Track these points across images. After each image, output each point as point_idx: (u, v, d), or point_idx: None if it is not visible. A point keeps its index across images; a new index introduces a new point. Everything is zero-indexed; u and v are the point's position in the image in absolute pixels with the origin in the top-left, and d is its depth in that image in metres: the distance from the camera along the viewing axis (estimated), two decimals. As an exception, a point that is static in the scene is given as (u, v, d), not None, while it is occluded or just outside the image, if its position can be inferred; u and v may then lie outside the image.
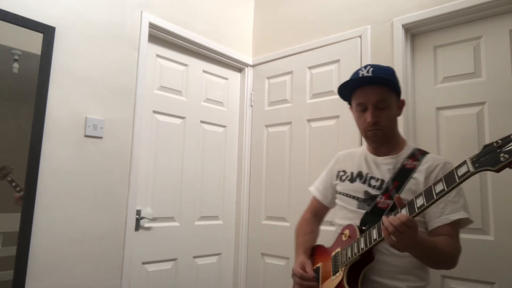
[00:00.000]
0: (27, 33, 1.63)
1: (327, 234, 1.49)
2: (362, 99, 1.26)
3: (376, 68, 1.25)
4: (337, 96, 2.23)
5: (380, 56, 2.07)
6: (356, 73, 1.28)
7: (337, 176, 1.41)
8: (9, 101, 1.60)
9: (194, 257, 2.36)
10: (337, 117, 2.23)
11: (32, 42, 1.64)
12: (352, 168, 1.36)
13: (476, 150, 1.73)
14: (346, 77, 2.18)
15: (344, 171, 1.38)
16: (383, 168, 1.27)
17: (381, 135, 1.25)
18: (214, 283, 2.46)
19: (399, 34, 2.01)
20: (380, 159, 1.29)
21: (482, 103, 1.79)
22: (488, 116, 1.77)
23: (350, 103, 1.37)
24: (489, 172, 0.96)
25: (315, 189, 1.53)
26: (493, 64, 1.79)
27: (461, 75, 1.88)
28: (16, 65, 1.61)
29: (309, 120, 2.38)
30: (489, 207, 1.69)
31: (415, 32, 2.05)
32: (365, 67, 1.26)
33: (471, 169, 0.86)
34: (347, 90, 1.32)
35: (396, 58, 1.98)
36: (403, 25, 2.00)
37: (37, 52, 1.66)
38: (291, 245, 2.34)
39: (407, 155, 1.26)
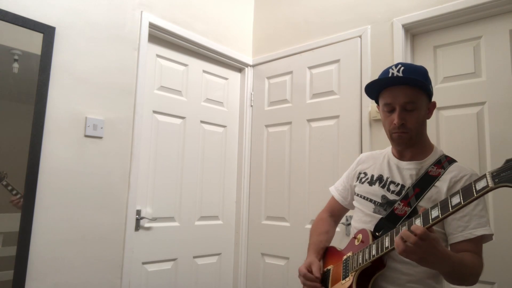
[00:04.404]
0: (27, 33, 1.63)
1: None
2: (390, 99, 1.18)
3: (408, 68, 1.18)
4: (337, 96, 2.26)
5: (380, 56, 2.07)
6: (386, 71, 1.21)
7: (358, 177, 1.37)
8: (9, 101, 1.60)
9: (194, 257, 2.36)
10: (337, 117, 2.23)
11: (32, 42, 1.64)
12: (373, 170, 1.31)
13: (476, 151, 1.77)
14: (346, 77, 2.22)
15: (365, 173, 1.34)
16: (405, 173, 1.22)
17: (407, 138, 1.18)
18: (214, 283, 2.46)
19: (399, 34, 2.01)
20: (403, 164, 1.24)
21: (482, 103, 1.79)
22: (488, 116, 1.77)
23: (377, 102, 1.29)
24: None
25: (334, 189, 1.49)
26: (493, 64, 1.79)
27: (461, 75, 1.87)
28: (16, 65, 1.60)
29: (309, 120, 2.38)
30: (489, 207, 1.69)
31: (415, 32, 2.05)
32: (396, 65, 1.19)
33: (491, 184, 0.81)
34: (374, 89, 1.25)
35: (396, 58, 1.98)
36: (403, 25, 2.00)
37: (37, 52, 1.65)
38: (291, 245, 2.35)
39: (432, 161, 1.20)
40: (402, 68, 1.18)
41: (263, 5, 2.79)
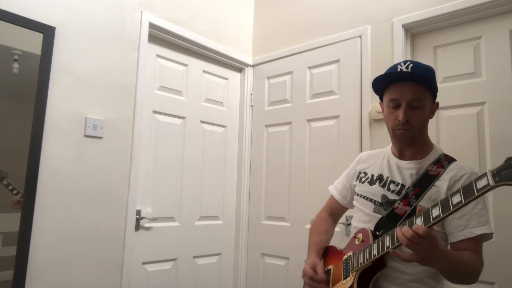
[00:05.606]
0: (27, 33, 1.63)
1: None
2: (397, 95, 1.17)
3: (416, 65, 1.18)
4: (337, 96, 2.26)
5: (380, 56, 2.07)
6: (394, 67, 1.21)
7: (358, 177, 1.37)
8: (9, 101, 1.60)
9: (194, 257, 2.36)
10: (337, 117, 2.23)
11: (32, 42, 1.64)
12: (373, 170, 1.31)
13: (476, 150, 1.77)
14: (346, 77, 2.22)
15: (365, 173, 1.34)
16: (405, 172, 1.21)
17: (410, 135, 1.18)
18: (214, 283, 2.46)
19: (399, 34, 2.01)
20: (403, 163, 1.23)
21: (482, 103, 1.79)
22: (488, 116, 1.77)
23: (381, 98, 1.29)
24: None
25: (333, 188, 1.49)
26: (493, 64, 1.79)
27: (461, 75, 1.88)
28: (16, 65, 1.60)
29: (309, 120, 2.38)
30: (489, 207, 1.69)
31: (415, 32, 2.05)
32: (405, 62, 1.20)
33: (491, 182, 0.81)
34: (381, 84, 1.24)
35: (396, 58, 1.98)
36: (403, 25, 2.00)
37: (37, 52, 1.65)
38: (291, 245, 2.35)
39: (432, 160, 1.20)
40: (411, 65, 1.18)
41: (263, 5, 2.79)
